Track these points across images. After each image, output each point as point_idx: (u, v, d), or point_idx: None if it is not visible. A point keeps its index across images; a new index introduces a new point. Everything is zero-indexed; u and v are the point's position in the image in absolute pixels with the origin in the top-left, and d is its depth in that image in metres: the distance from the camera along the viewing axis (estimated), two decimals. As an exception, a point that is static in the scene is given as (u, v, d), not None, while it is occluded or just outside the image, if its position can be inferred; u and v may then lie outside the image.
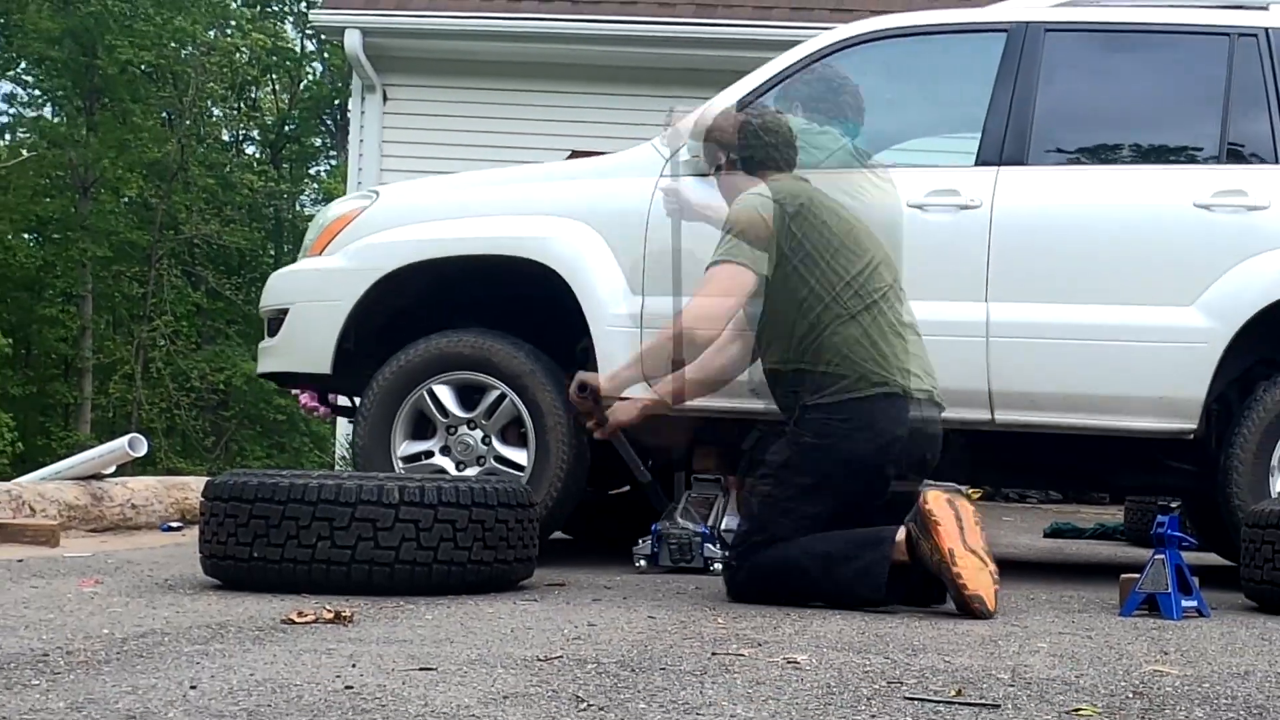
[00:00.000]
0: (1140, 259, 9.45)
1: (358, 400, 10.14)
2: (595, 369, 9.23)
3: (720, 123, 8.90)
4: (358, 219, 10.27)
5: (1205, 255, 9.34)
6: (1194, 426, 9.32)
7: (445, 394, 9.73)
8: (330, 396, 11.43)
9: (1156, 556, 8.20)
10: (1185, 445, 9.67)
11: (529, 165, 11.62)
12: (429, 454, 9.81)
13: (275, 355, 10.34)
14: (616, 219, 9.83)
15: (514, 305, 10.08)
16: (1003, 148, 9.69)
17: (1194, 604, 7.95)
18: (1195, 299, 9.29)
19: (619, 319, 9.67)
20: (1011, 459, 10.68)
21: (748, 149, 8.66)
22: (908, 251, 9.28)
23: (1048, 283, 9.48)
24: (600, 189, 10.05)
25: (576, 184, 10.18)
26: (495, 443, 9.72)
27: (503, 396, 9.66)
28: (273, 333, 10.33)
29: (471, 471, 9.66)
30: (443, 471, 9.63)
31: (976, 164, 9.72)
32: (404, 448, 9.79)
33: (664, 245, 9.52)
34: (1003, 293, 9.46)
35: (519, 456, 9.70)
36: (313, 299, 10.12)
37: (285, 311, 10.22)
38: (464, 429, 9.75)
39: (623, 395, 8.88)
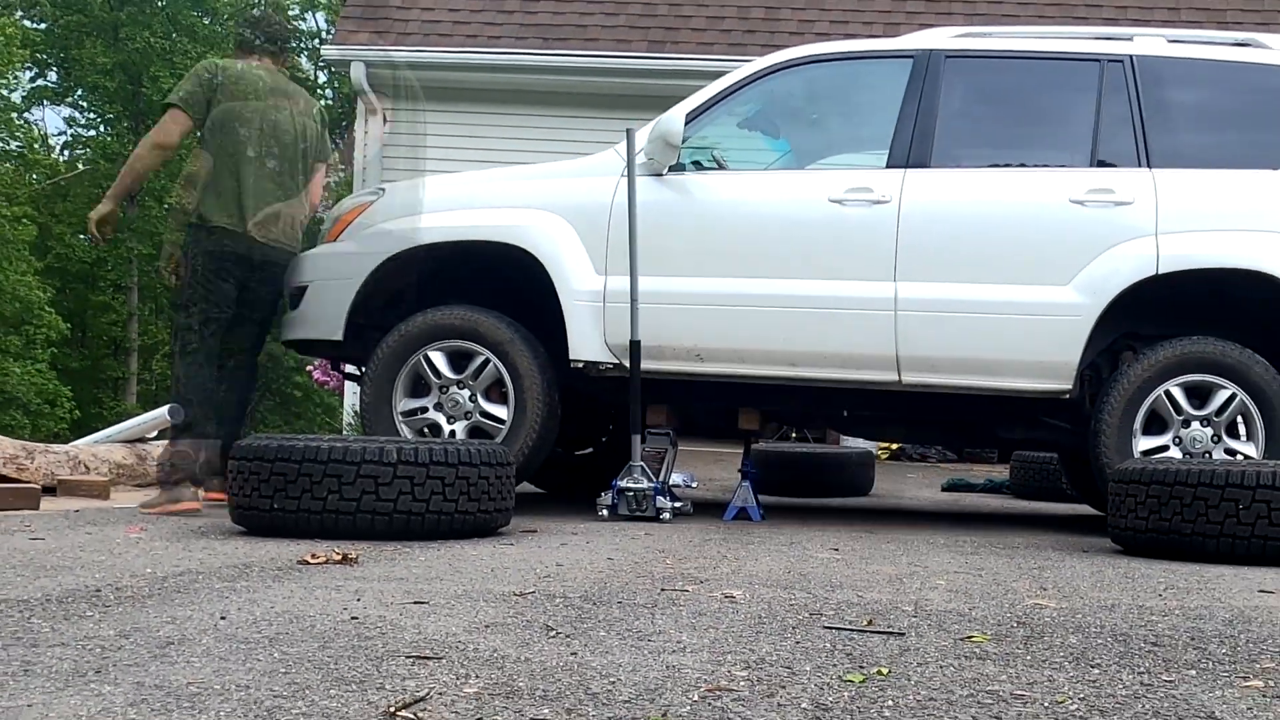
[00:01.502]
0: (1025, 245, 9.49)
1: (365, 370, 10.19)
2: None
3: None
4: (367, 210, 10.38)
5: (1079, 243, 9.38)
6: (1069, 387, 9.41)
7: (439, 359, 9.83)
8: (341, 365, 11.50)
9: (743, 484, 9.83)
10: (1062, 405, 9.76)
11: (513, 166, 11.64)
12: (424, 410, 9.87)
13: (296, 325, 10.39)
14: (584, 212, 9.88)
15: (497, 284, 10.10)
16: (909, 153, 9.74)
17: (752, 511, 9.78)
18: (1070, 279, 9.34)
19: (585, 295, 9.75)
20: (916, 416, 10.74)
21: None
22: (830, 237, 9.62)
23: (947, 265, 9.51)
24: (571, 186, 10.09)
25: (551, 182, 10.20)
26: (480, 400, 9.81)
27: (487, 361, 9.78)
28: (294, 306, 10.40)
29: (460, 425, 9.80)
30: (436, 425, 9.80)
31: (887, 166, 9.75)
32: (403, 404, 9.86)
33: (623, 234, 9.56)
34: (909, 274, 9.50)
35: (500, 412, 9.78)
36: (328, 277, 10.19)
37: (305, 288, 10.28)
38: (454, 389, 9.83)
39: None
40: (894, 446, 22.74)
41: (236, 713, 3.34)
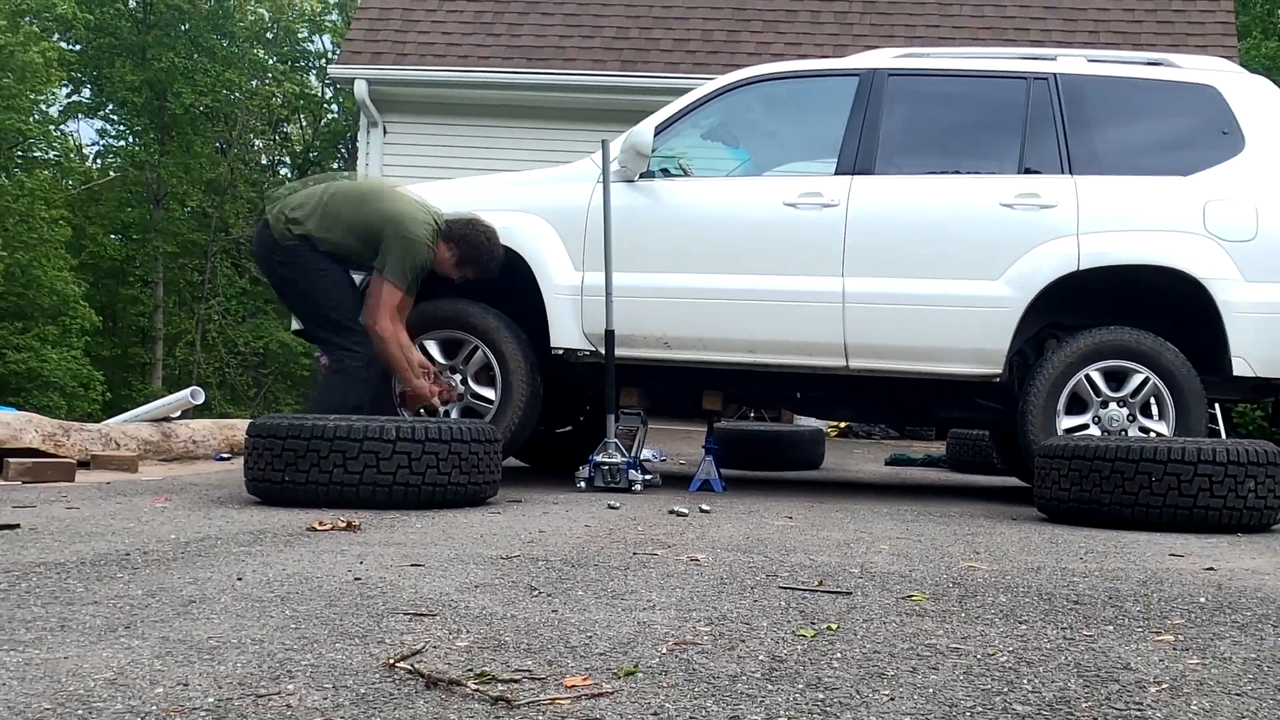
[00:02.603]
0: (959, 244, 9.50)
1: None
2: None
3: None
4: None
5: (1008, 242, 9.40)
6: (1000, 371, 9.45)
7: (433, 347, 9.88)
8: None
9: (706, 458, 9.87)
10: (993, 388, 9.82)
11: (500, 173, 11.63)
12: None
13: None
14: (563, 214, 9.90)
15: (486, 279, 10.08)
16: (856, 161, 9.75)
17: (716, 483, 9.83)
18: (1000, 275, 9.36)
19: (565, 289, 9.80)
20: (862, 398, 10.77)
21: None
22: (784, 237, 9.65)
23: (890, 262, 9.51)
24: (552, 191, 10.08)
25: (533, 188, 10.20)
26: (471, 383, 9.87)
27: (476, 347, 9.84)
28: None
29: (453, 406, 9.85)
30: (432, 407, 9.72)
31: (836, 173, 9.76)
32: (402, 387, 9.85)
33: (599, 234, 9.55)
34: (856, 270, 9.51)
35: (489, 393, 9.84)
36: None
37: None
38: (447, 374, 9.86)
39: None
40: (842, 425, 22.76)
41: (252, 664, 3.33)
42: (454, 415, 9.73)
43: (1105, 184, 9.49)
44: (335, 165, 61.83)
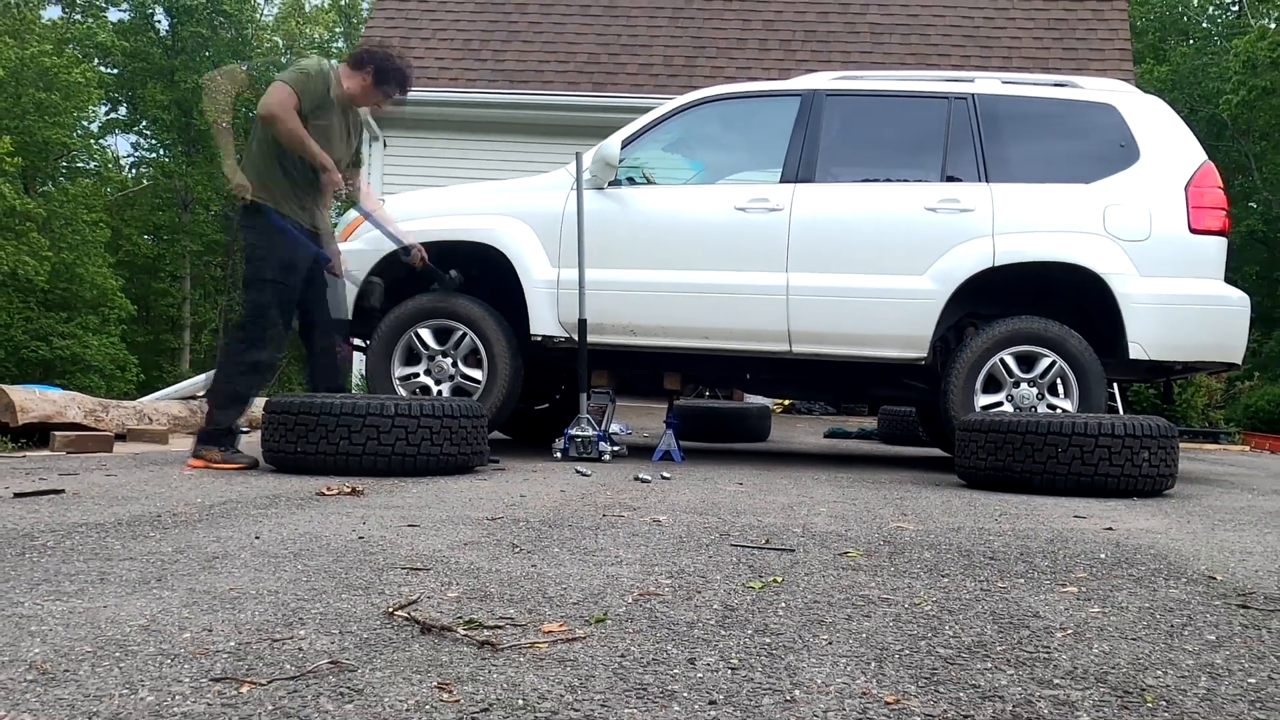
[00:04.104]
0: (889, 244, 9.51)
1: (369, 342, 10.19)
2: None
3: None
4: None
5: (932, 241, 9.43)
6: (925, 355, 9.49)
7: (427, 334, 9.98)
8: (350, 339, 11.51)
9: (667, 432, 9.88)
10: (919, 369, 9.86)
11: (486, 181, 11.61)
12: (416, 374, 10.01)
13: None
14: (541, 217, 9.94)
15: (473, 274, 10.11)
16: (798, 170, 9.78)
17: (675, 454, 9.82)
18: (926, 270, 9.40)
19: (542, 283, 9.85)
20: (803, 379, 10.77)
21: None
22: (735, 238, 9.72)
23: (828, 259, 9.52)
24: (531, 198, 10.07)
25: (515, 194, 10.18)
26: (460, 366, 9.94)
27: (465, 334, 9.94)
28: None
29: (445, 386, 9.95)
30: (426, 387, 9.93)
31: (781, 181, 9.78)
32: (399, 370, 9.98)
33: (572, 235, 9.63)
34: (798, 266, 9.53)
35: (477, 375, 9.91)
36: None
37: None
38: (439, 357, 9.95)
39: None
40: (786, 402, 22.83)
41: (268, 612, 3.32)
42: (446, 394, 9.77)
43: (1017, 190, 9.52)
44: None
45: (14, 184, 38.88)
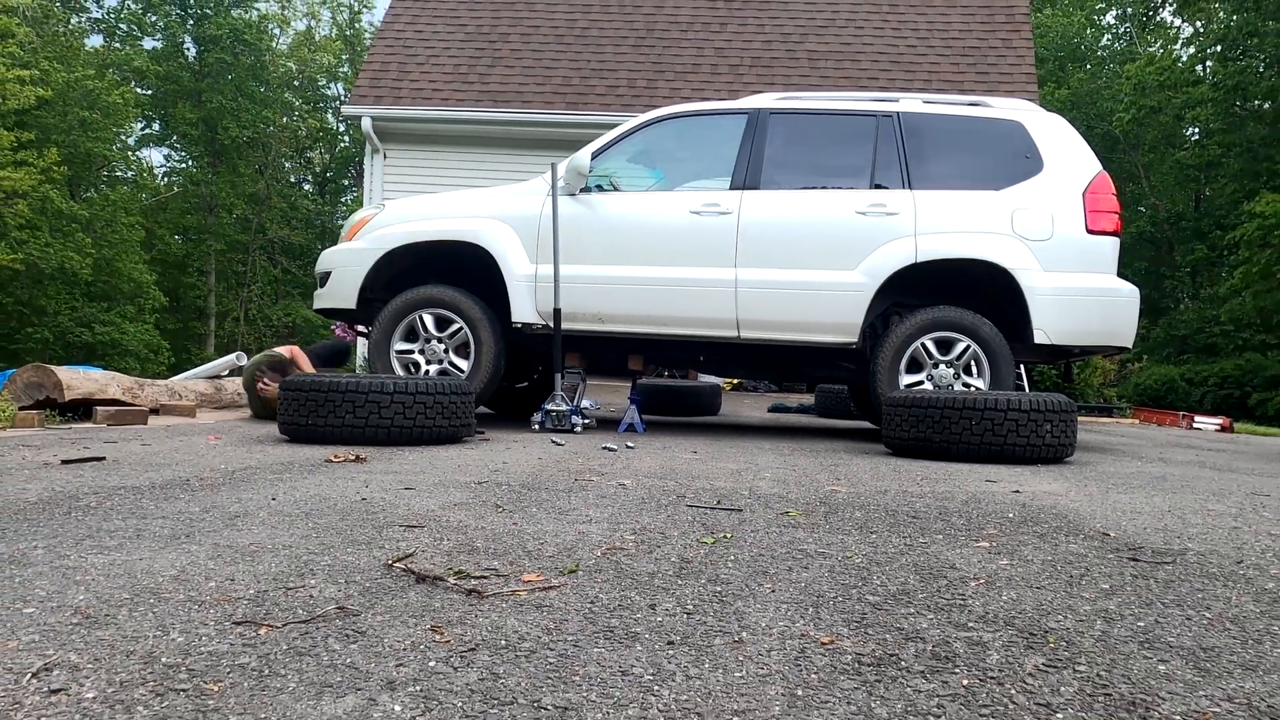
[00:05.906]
0: (825, 243, 9.49)
1: (371, 327, 10.18)
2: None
3: None
4: (372, 219, 10.41)
5: (862, 241, 9.43)
6: (856, 340, 9.47)
7: (430, 320, 9.96)
8: (354, 326, 11.48)
9: (631, 406, 9.84)
10: (851, 353, 9.89)
11: (474, 189, 11.59)
12: (411, 351, 9.99)
13: (323, 299, 10.39)
14: (521, 220, 9.92)
15: (463, 270, 10.15)
16: (745, 179, 9.78)
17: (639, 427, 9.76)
18: (857, 266, 9.39)
19: (522, 277, 9.82)
20: (751, 360, 10.75)
21: None
22: (690, 238, 9.68)
23: (772, 257, 9.50)
24: (512, 202, 10.05)
25: (499, 199, 10.16)
26: (451, 355, 9.94)
27: (461, 328, 9.93)
28: (322, 285, 10.45)
29: (433, 368, 9.94)
30: (418, 364, 9.96)
31: (730, 188, 9.77)
32: (398, 345, 9.95)
33: (548, 235, 9.65)
34: (745, 262, 9.52)
35: (463, 364, 9.90)
36: (345, 265, 10.24)
37: (329, 273, 10.36)
38: (435, 342, 9.91)
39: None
40: (735, 381, 22.80)
41: (283, 564, 3.32)
42: (432, 374, 9.79)
43: (936, 196, 9.51)
44: (347, 183, 62.38)
45: (61, 191, 38.87)
